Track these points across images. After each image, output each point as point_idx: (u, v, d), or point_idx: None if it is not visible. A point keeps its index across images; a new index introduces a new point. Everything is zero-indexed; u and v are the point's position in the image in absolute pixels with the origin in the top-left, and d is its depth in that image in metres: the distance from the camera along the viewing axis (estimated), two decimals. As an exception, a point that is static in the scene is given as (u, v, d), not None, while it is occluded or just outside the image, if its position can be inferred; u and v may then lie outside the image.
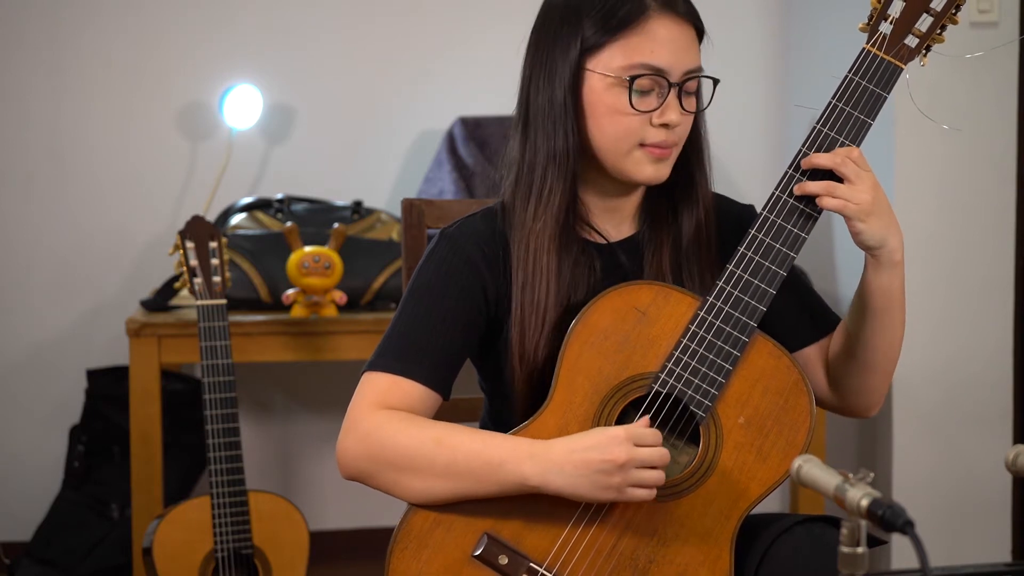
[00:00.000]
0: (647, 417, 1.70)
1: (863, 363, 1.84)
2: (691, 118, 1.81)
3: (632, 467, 1.65)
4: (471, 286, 1.80)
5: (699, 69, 1.79)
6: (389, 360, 1.77)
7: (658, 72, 1.76)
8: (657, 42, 1.75)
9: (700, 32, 1.81)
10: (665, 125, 1.77)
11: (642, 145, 1.78)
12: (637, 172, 1.80)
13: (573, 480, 1.66)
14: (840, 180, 1.73)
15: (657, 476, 1.66)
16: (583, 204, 1.84)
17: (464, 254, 1.81)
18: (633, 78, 1.75)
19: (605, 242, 1.85)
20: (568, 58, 1.78)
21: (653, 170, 1.79)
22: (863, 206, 1.72)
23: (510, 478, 1.68)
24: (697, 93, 1.82)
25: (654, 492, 1.67)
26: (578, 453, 1.66)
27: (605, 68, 1.76)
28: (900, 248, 1.77)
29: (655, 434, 1.67)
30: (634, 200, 1.87)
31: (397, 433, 1.72)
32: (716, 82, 1.81)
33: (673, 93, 1.76)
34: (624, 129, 1.77)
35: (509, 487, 1.69)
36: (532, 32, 1.85)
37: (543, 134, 1.80)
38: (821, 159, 1.73)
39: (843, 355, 1.86)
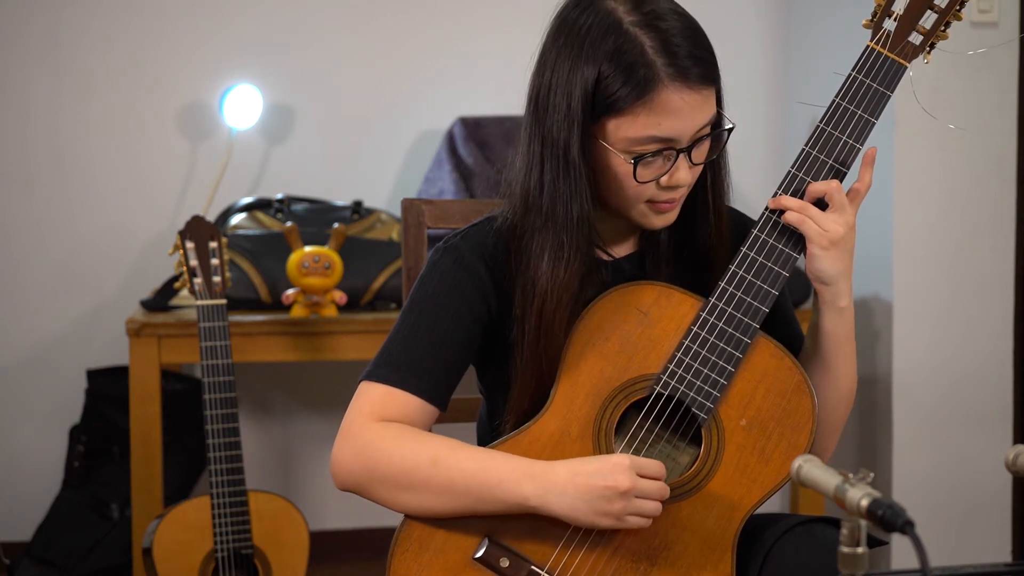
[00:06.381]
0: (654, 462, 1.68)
1: None
2: (702, 166, 1.75)
3: (633, 496, 1.65)
4: (474, 299, 1.77)
5: (711, 120, 1.71)
6: (387, 371, 1.75)
7: (666, 142, 1.68)
8: (666, 115, 1.66)
9: (717, 84, 1.71)
10: (673, 187, 1.72)
11: (649, 202, 1.74)
12: (643, 222, 1.76)
13: (573, 503, 1.65)
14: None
15: (655, 508, 1.66)
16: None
17: (467, 266, 1.78)
18: (637, 159, 1.68)
19: (610, 259, 1.83)
20: (574, 114, 1.67)
21: (660, 220, 1.76)
22: (830, 235, 1.70)
23: (509, 498, 1.67)
24: (713, 134, 1.73)
25: (650, 522, 1.67)
26: (582, 477, 1.65)
27: (611, 139, 1.68)
28: (847, 295, 1.74)
29: (658, 466, 1.67)
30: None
31: (393, 450, 1.70)
32: (731, 129, 1.74)
33: (683, 156, 1.70)
34: (632, 193, 1.72)
35: (508, 507, 1.68)
36: (549, 40, 1.73)
37: (554, 172, 1.71)
38: (817, 186, 1.71)
39: None
